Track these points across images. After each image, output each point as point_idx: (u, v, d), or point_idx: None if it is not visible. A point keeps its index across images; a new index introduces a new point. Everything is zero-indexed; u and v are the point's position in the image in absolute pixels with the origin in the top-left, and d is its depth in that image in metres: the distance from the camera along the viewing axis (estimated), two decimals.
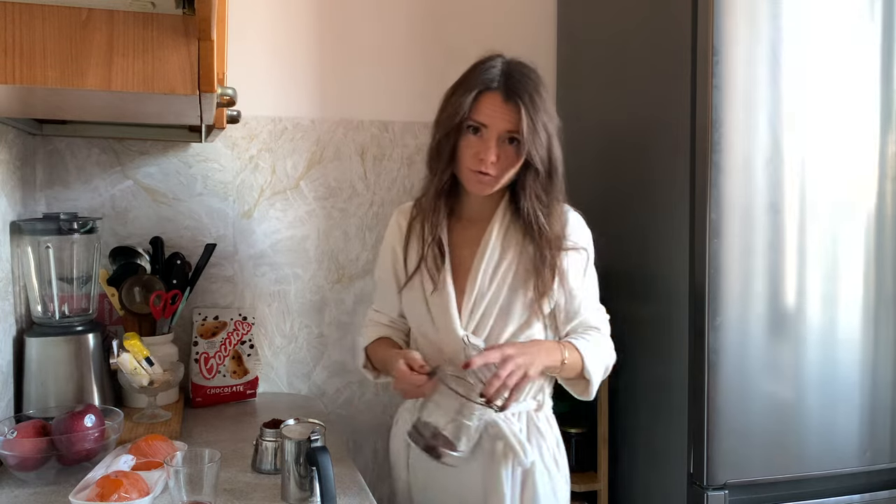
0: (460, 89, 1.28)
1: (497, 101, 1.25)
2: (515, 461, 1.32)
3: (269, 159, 1.89)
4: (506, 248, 1.34)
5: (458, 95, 1.27)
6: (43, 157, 1.71)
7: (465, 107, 1.25)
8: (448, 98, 1.31)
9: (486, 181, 1.28)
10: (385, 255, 1.46)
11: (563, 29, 2.09)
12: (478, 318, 1.33)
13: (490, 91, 1.25)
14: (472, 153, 1.27)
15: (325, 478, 1.09)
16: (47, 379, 1.44)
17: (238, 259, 1.88)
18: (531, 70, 1.29)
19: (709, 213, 1.44)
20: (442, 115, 1.31)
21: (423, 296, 1.36)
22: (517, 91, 1.24)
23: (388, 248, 1.44)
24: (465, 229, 1.38)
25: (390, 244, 1.44)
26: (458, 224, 1.38)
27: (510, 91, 1.24)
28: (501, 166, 1.26)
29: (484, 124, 1.25)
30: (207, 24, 0.76)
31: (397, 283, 1.41)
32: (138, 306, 1.63)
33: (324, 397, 1.95)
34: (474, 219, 1.37)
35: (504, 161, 1.26)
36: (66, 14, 0.75)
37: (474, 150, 1.26)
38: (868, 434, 1.54)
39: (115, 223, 1.77)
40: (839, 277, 1.52)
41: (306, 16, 1.92)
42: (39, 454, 1.20)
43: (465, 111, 1.25)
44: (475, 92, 1.25)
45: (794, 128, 1.48)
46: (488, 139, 1.25)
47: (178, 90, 0.79)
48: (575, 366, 1.30)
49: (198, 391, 1.73)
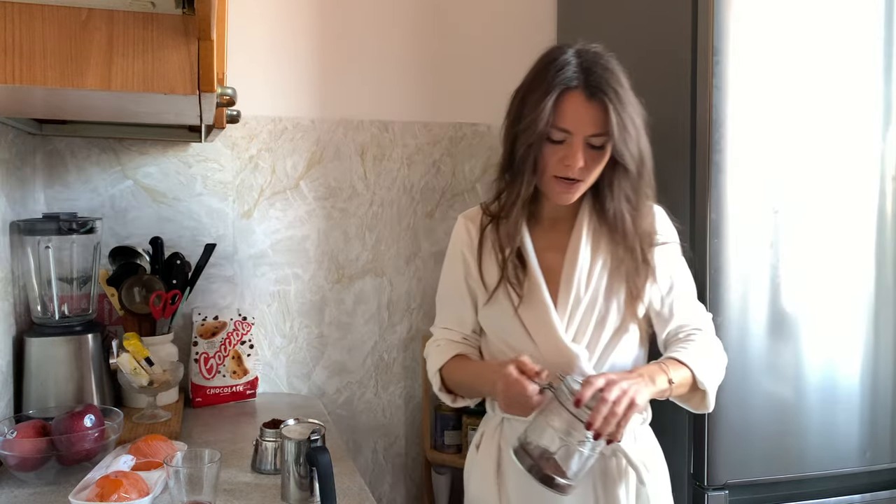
0: (536, 93, 1.14)
1: (580, 101, 1.13)
2: (634, 479, 1.21)
3: (269, 159, 1.89)
4: (595, 251, 1.25)
5: (534, 100, 1.13)
6: (43, 157, 1.71)
7: (547, 113, 1.12)
8: (521, 103, 1.18)
9: (572, 188, 1.18)
10: (454, 266, 1.32)
11: (564, 29, 2.09)
12: (576, 327, 1.23)
13: (571, 91, 1.13)
14: (556, 160, 1.16)
15: (325, 478, 1.09)
16: (47, 379, 1.44)
17: (238, 259, 1.88)
18: (608, 59, 1.16)
19: (709, 213, 1.44)
20: (519, 125, 1.16)
21: (512, 308, 1.23)
22: (601, 88, 1.12)
23: (457, 259, 1.32)
24: (547, 232, 1.28)
25: (459, 254, 1.31)
26: (538, 227, 1.28)
27: (593, 89, 1.12)
28: (588, 170, 1.16)
29: (569, 131, 1.14)
30: (207, 24, 0.76)
31: (472, 297, 1.30)
32: (138, 306, 1.63)
33: (324, 397, 1.95)
34: (556, 220, 1.28)
35: (590, 164, 1.16)
36: (65, 14, 0.75)
37: (559, 155, 1.15)
38: (868, 434, 1.54)
39: (114, 223, 1.77)
40: (839, 277, 1.52)
41: (306, 16, 1.91)
42: (39, 454, 1.20)
43: (547, 118, 1.12)
44: (555, 95, 1.12)
45: (794, 127, 1.48)
46: (574, 144, 1.14)
47: (177, 90, 0.79)
48: (685, 381, 1.18)
49: (198, 391, 1.73)
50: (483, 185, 2.07)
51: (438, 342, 1.33)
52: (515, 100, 1.20)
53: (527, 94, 1.17)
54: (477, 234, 1.29)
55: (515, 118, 1.19)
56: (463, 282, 1.31)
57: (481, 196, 2.06)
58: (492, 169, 2.06)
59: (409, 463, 2.06)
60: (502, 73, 2.06)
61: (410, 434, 2.05)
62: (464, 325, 1.33)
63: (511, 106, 1.21)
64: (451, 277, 1.34)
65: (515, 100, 1.20)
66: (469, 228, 1.31)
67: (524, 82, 1.20)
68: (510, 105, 1.21)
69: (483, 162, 2.07)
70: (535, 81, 1.16)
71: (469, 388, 1.29)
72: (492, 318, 1.28)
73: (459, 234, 1.33)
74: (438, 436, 1.94)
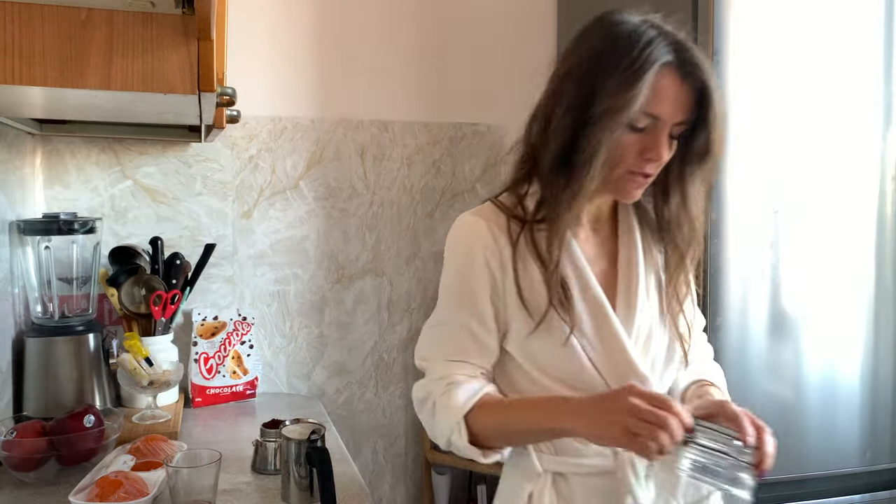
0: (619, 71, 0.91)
1: (675, 83, 0.93)
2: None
3: (269, 159, 1.89)
4: (647, 258, 1.06)
5: (620, 80, 0.91)
6: (43, 156, 1.71)
7: (642, 96, 0.90)
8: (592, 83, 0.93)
9: (644, 185, 0.99)
10: (471, 281, 1.01)
11: (564, 28, 2.09)
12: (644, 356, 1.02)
13: (665, 70, 0.92)
14: (635, 151, 0.95)
15: (325, 478, 1.09)
16: (47, 379, 1.44)
17: (238, 259, 1.88)
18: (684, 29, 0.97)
19: (709, 213, 1.44)
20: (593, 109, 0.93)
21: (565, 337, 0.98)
22: (700, 66, 0.93)
23: (477, 271, 1.00)
24: (589, 238, 1.06)
25: (481, 266, 1.00)
26: (580, 232, 1.04)
27: (690, 67, 0.93)
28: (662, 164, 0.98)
29: (659, 117, 0.93)
30: (207, 24, 0.76)
31: (498, 320, 1.01)
32: (138, 306, 1.63)
33: (324, 397, 1.95)
34: (596, 222, 1.07)
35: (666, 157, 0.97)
36: (65, 14, 0.75)
37: (639, 146, 0.95)
38: (869, 434, 1.54)
39: (114, 223, 1.77)
40: (839, 277, 1.52)
41: (306, 15, 1.91)
42: (39, 454, 1.20)
43: (641, 101, 0.90)
44: (651, 74, 0.90)
45: (794, 128, 1.48)
46: (659, 134, 0.94)
47: (177, 90, 0.79)
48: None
49: (198, 391, 1.73)
50: (483, 185, 2.07)
51: (447, 382, 1.00)
52: (575, 81, 0.96)
53: (601, 73, 0.93)
54: (507, 241, 1.00)
55: (583, 103, 0.94)
56: (487, 301, 1.00)
57: (482, 196, 2.06)
58: (492, 169, 2.08)
59: (409, 463, 2.06)
60: (502, 73, 2.08)
61: (410, 434, 2.05)
62: (485, 356, 1.02)
63: (567, 89, 0.96)
64: (466, 296, 1.01)
65: (575, 81, 0.96)
66: (494, 232, 1.01)
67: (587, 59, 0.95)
68: (564, 88, 0.97)
69: (483, 162, 2.07)
70: (612, 57, 0.92)
71: (515, 431, 0.98)
72: (538, 349, 1.00)
73: (479, 238, 1.01)
74: None
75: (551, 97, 1.00)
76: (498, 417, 0.98)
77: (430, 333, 1.07)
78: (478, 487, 2.02)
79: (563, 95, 0.97)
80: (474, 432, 0.97)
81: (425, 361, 1.05)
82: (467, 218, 1.05)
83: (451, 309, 1.04)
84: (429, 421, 1.03)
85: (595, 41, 0.97)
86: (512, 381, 1.03)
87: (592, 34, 0.98)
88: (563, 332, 0.98)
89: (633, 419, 0.83)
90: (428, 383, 1.03)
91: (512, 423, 0.98)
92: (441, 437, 1.01)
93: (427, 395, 1.02)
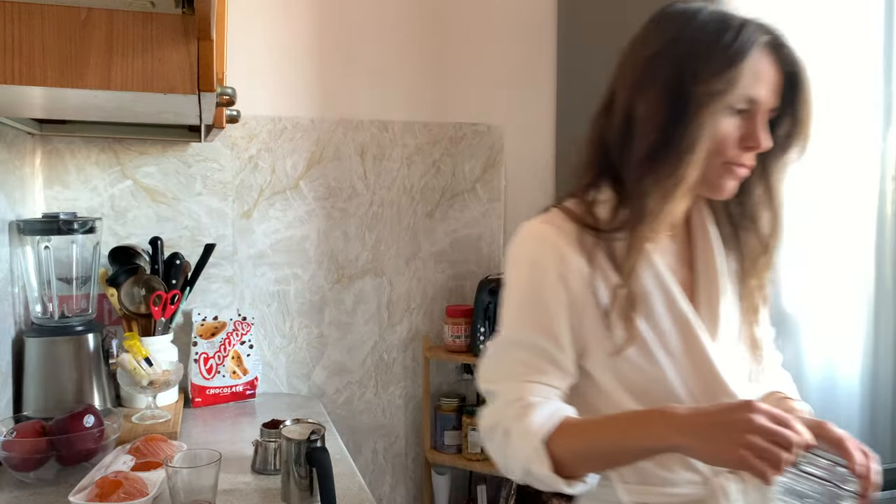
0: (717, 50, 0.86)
1: (770, 65, 0.89)
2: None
3: (269, 159, 1.89)
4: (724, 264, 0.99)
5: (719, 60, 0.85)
6: (43, 156, 1.71)
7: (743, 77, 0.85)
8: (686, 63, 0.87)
9: (740, 178, 0.93)
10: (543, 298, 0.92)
11: (564, 28, 2.09)
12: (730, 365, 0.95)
13: (762, 50, 0.88)
14: (734, 139, 0.89)
15: (325, 478, 1.09)
16: (47, 379, 1.44)
17: (238, 259, 1.88)
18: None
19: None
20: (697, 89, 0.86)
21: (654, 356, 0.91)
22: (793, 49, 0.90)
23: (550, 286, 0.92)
24: (668, 247, 0.98)
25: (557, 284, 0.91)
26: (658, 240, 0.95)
27: (784, 49, 0.89)
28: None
29: (758, 100, 0.88)
30: (207, 24, 0.76)
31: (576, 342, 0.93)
32: (138, 306, 1.63)
33: (324, 397, 1.95)
34: (672, 228, 0.98)
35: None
36: (65, 14, 0.75)
37: (738, 133, 0.89)
38: (868, 434, 1.54)
39: (114, 223, 1.77)
40: (839, 277, 1.52)
41: (306, 15, 1.91)
42: (39, 454, 1.20)
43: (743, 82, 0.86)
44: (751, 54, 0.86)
45: None
46: (758, 120, 0.89)
47: (177, 90, 0.79)
48: None
49: (197, 391, 1.73)
50: (483, 185, 2.07)
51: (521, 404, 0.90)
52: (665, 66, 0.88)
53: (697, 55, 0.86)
54: (581, 253, 0.91)
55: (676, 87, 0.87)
56: (562, 320, 0.92)
57: (482, 196, 2.07)
58: (492, 169, 2.07)
59: (409, 463, 2.06)
60: (502, 73, 2.08)
61: (410, 434, 2.05)
62: (563, 377, 0.93)
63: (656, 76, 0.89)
64: (538, 314, 0.92)
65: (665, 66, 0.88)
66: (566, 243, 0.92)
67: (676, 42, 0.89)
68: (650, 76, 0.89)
69: (483, 162, 2.07)
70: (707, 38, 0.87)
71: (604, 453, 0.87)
72: (620, 368, 0.92)
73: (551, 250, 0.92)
74: (438, 436, 1.94)
75: (633, 88, 0.91)
76: (583, 439, 0.87)
77: (497, 354, 0.96)
78: (478, 487, 2.02)
79: (650, 83, 0.89)
80: (556, 459, 0.86)
81: (493, 385, 0.94)
82: (536, 227, 0.95)
83: (521, 328, 0.94)
84: (501, 450, 0.91)
85: (680, 25, 0.90)
86: (588, 403, 0.95)
87: (673, 20, 0.91)
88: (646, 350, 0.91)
89: (759, 439, 0.75)
90: (497, 409, 0.91)
91: (600, 443, 0.87)
92: (516, 468, 0.89)
93: (496, 422, 0.91)
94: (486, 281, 1.86)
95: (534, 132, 2.12)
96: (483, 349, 0.99)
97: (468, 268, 2.07)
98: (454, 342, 1.90)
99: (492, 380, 0.95)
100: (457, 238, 2.05)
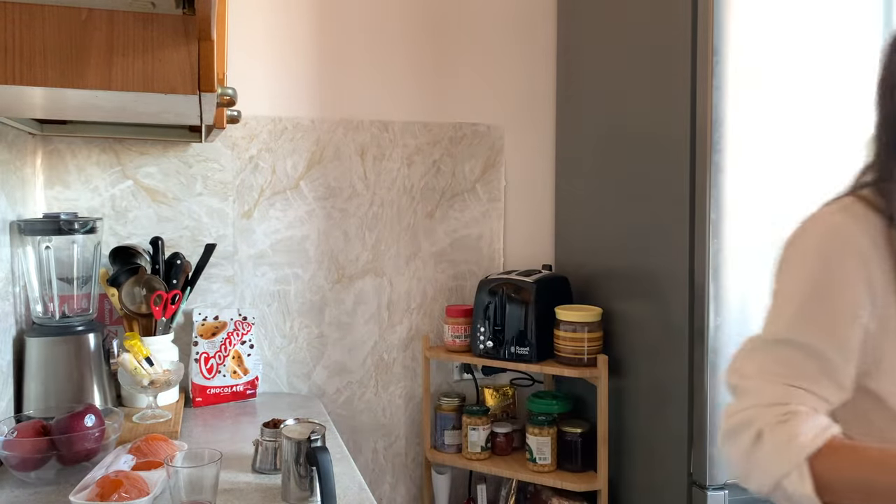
0: None
1: None
2: None
3: (269, 159, 1.89)
4: None
5: None
6: (43, 157, 1.71)
7: None
8: None
9: None
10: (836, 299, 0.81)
11: (564, 28, 2.09)
12: None
13: None
14: None
15: (325, 478, 1.09)
16: (47, 379, 1.44)
17: (238, 259, 1.88)
18: None
19: (709, 213, 1.44)
20: None
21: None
22: None
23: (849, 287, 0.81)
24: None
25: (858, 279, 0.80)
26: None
27: None
28: None
29: None
30: (207, 24, 0.76)
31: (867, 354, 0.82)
32: (138, 306, 1.63)
33: (324, 397, 1.95)
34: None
35: None
36: (65, 14, 0.75)
37: None
38: None
39: (115, 223, 1.77)
40: None
41: (306, 15, 1.92)
42: (39, 454, 1.20)
43: None
44: None
45: (795, 127, 1.48)
46: None
47: (178, 90, 0.79)
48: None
49: (198, 391, 1.73)
50: (483, 185, 2.07)
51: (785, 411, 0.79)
52: None
53: None
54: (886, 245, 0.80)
55: None
56: (854, 325, 0.80)
57: (482, 196, 2.07)
58: (492, 169, 2.08)
59: (409, 463, 2.06)
60: (502, 73, 2.08)
61: (410, 434, 2.05)
62: (836, 390, 0.82)
63: None
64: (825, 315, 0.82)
65: None
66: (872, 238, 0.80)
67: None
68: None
69: (483, 162, 2.07)
70: None
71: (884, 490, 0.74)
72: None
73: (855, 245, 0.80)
74: (438, 436, 1.95)
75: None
76: (858, 467, 0.75)
77: (761, 349, 0.86)
78: (478, 487, 2.02)
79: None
80: (818, 479, 0.76)
81: (746, 381, 0.84)
82: (834, 218, 0.83)
83: (799, 327, 0.83)
84: (745, 454, 0.81)
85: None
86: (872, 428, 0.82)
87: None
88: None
89: None
90: (751, 409, 0.81)
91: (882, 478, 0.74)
92: (766, 478, 0.79)
93: (748, 422, 0.81)
94: (486, 281, 1.86)
95: (534, 132, 2.12)
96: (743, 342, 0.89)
97: (468, 268, 2.07)
98: (454, 342, 1.90)
99: (747, 375, 0.85)
100: (457, 238, 2.05)
